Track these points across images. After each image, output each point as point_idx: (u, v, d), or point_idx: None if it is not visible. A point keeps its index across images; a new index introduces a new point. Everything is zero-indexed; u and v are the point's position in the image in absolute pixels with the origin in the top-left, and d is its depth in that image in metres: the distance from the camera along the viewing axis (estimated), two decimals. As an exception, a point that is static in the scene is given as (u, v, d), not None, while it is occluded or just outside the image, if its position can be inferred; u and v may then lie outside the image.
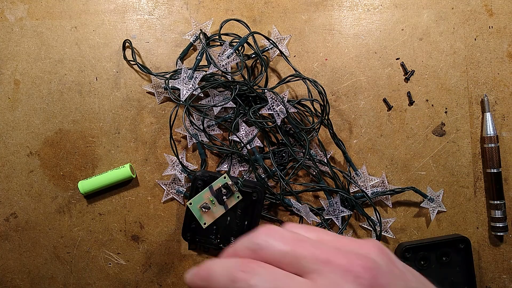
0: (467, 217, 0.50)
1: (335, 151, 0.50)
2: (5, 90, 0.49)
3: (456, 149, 0.50)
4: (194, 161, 0.50)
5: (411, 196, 0.50)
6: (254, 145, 0.47)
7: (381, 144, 0.50)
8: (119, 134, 0.49)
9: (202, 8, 0.50)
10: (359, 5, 0.50)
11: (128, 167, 0.48)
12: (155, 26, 0.50)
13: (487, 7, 0.50)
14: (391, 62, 0.50)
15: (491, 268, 0.50)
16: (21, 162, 0.49)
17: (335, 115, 0.50)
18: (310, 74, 0.50)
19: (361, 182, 0.49)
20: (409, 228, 0.50)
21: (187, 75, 0.46)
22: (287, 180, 0.48)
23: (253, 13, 0.50)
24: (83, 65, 0.49)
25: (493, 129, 0.49)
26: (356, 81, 0.50)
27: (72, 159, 0.49)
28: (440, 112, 0.50)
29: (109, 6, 0.49)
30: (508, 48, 0.50)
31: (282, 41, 0.49)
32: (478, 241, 0.50)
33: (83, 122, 0.49)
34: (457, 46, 0.50)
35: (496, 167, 0.49)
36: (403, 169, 0.50)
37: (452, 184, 0.50)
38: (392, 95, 0.50)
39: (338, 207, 0.48)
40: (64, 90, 0.49)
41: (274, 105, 0.46)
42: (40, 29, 0.49)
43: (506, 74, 0.50)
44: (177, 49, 0.49)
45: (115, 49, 0.49)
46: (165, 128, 0.49)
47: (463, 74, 0.50)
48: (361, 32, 0.50)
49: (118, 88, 0.49)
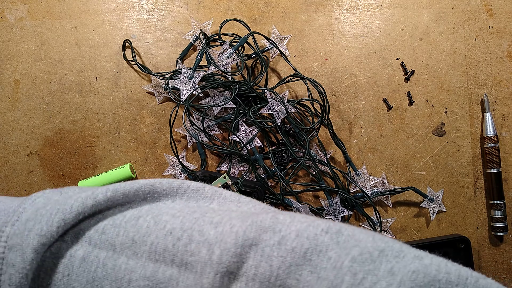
0: (467, 217, 0.50)
1: (335, 151, 0.50)
2: (5, 90, 0.49)
3: (456, 149, 0.50)
4: (194, 161, 0.50)
5: (411, 196, 0.50)
6: (254, 145, 0.47)
7: (381, 144, 0.50)
8: (119, 134, 0.49)
9: (202, 8, 0.50)
10: (359, 5, 0.50)
11: (128, 167, 0.48)
12: (155, 26, 0.50)
13: (487, 7, 0.50)
14: (391, 62, 0.50)
15: (491, 268, 0.50)
16: (21, 162, 0.49)
17: (335, 115, 0.50)
18: (310, 74, 0.50)
19: (361, 182, 0.49)
20: (409, 228, 0.50)
21: (187, 75, 0.46)
22: (287, 180, 0.48)
23: (253, 13, 0.50)
24: (83, 65, 0.49)
25: (493, 129, 0.49)
26: (356, 81, 0.50)
27: (72, 159, 0.49)
28: (440, 112, 0.50)
29: (109, 6, 0.49)
30: (508, 48, 0.50)
31: (282, 41, 0.49)
32: (478, 241, 0.50)
33: (83, 122, 0.49)
34: (457, 46, 0.50)
35: (496, 167, 0.49)
36: (403, 169, 0.50)
37: (452, 184, 0.50)
38: (392, 95, 0.50)
39: (338, 207, 0.48)
40: (64, 90, 0.49)
41: (274, 105, 0.46)
42: (40, 29, 0.49)
43: (506, 74, 0.50)
44: (177, 49, 0.49)
45: (115, 49, 0.49)
46: (165, 128, 0.49)
47: (463, 74, 0.50)
48: (361, 32, 0.50)
49: (118, 88, 0.49)
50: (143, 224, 0.25)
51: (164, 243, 0.24)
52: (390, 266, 0.22)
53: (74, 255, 0.25)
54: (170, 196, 0.28)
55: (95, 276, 0.25)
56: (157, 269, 0.24)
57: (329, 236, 0.24)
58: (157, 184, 0.28)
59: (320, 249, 0.23)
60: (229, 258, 0.23)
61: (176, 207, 0.27)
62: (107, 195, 0.26)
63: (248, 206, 0.29)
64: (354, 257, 0.22)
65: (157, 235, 0.25)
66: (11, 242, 0.25)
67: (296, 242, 0.23)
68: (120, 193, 0.27)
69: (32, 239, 0.24)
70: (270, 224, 0.24)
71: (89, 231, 0.26)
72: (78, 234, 0.26)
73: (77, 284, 0.25)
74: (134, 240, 0.25)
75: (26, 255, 0.24)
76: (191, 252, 0.24)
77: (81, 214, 0.25)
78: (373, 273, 0.21)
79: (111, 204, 0.27)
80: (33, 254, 0.24)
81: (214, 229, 0.24)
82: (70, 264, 0.25)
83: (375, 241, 0.23)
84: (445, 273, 0.21)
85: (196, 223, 0.25)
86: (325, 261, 0.23)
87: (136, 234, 0.25)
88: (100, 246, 0.25)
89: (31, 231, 0.25)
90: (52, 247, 0.26)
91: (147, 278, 0.24)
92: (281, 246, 0.23)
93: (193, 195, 0.28)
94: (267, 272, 0.23)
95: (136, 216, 0.26)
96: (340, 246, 0.23)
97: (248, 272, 0.23)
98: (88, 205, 0.26)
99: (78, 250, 0.25)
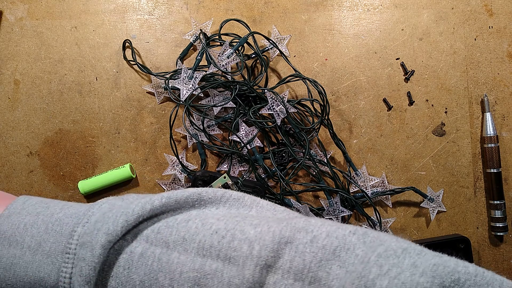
0: (467, 217, 0.50)
1: (335, 151, 0.50)
2: (5, 90, 0.49)
3: (456, 149, 0.50)
4: (194, 161, 0.50)
5: (411, 196, 0.50)
6: (254, 145, 0.47)
7: (381, 144, 0.50)
8: (119, 134, 0.49)
9: (202, 8, 0.50)
10: (359, 5, 0.50)
11: (128, 167, 0.48)
12: (155, 26, 0.50)
13: (487, 7, 0.50)
14: (391, 62, 0.50)
15: (491, 268, 0.50)
16: (21, 162, 0.49)
17: (335, 115, 0.50)
18: (310, 74, 0.50)
19: (361, 182, 0.49)
20: (409, 228, 0.50)
21: (187, 75, 0.46)
22: (287, 180, 0.48)
23: (253, 13, 0.50)
24: (83, 65, 0.49)
25: (493, 129, 0.49)
26: (356, 81, 0.50)
27: (72, 159, 0.49)
28: (440, 112, 0.50)
29: (109, 6, 0.49)
30: (508, 48, 0.50)
31: (282, 41, 0.49)
32: (478, 241, 0.50)
33: (83, 122, 0.49)
34: (457, 46, 0.50)
35: (496, 167, 0.49)
36: (403, 169, 0.50)
37: (452, 184, 0.50)
38: (392, 95, 0.50)
39: (338, 207, 0.48)
40: (64, 90, 0.49)
41: (274, 105, 0.46)
42: (40, 29, 0.49)
43: (506, 74, 0.50)
44: (177, 49, 0.49)
45: (115, 49, 0.49)
46: (165, 128, 0.49)
47: (463, 74, 0.50)
48: (361, 32, 0.50)
49: (118, 88, 0.49)
50: (192, 226, 0.29)
51: (210, 240, 0.28)
52: (413, 261, 0.24)
53: (134, 251, 0.29)
54: (214, 204, 0.32)
55: (151, 269, 0.28)
56: (205, 263, 0.27)
57: (356, 236, 0.27)
58: (204, 193, 0.32)
59: (348, 247, 0.26)
60: (267, 253, 0.26)
61: (220, 213, 0.31)
62: (162, 201, 0.30)
63: (283, 214, 0.32)
64: (380, 253, 0.25)
65: (204, 234, 0.28)
66: (82, 240, 0.29)
67: (327, 241, 0.26)
68: (173, 200, 0.31)
69: (101, 237, 0.28)
70: (303, 226, 0.28)
71: (147, 231, 0.30)
72: (137, 234, 0.30)
73: (136, 276, 0.28)
74: (185, 239, 0.29)
75: (95, 250, 0.28)
76: (234, 248, 0.27)
77: (140, 217, 0.29)
78: (398, 266, 0.24)
79: (165, 209, 0.31)
80: (101, 250, 0.28)
81: (254, 229, 0.28)
82: (130, 259, 0.29)
83: (398, 242, 0.26)
84: (463, 267, 0.23)
85: (238, 224, 0.29)
86: (353, 257, 0.25)
87: (186, 234, 0.29)
88: (155, 243, 0.29)
89: (100, 230, 0.28)
90: (116, 245, 0.29)
91: (196, 270, 0.27)
92: (313, 244, 0.26)
93: (234, 204, 0.32)
94: (300, 265, 0.26)
95: (186, 219, 0.30)
96: (366, 245, 0.26)
97: (284, 266, 0.26)
98: (146, 209, 0.30)
99: (137, 247, 0.29)
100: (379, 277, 0.23)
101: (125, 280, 0.28)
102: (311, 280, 0.26)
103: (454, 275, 0.23)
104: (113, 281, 0.29)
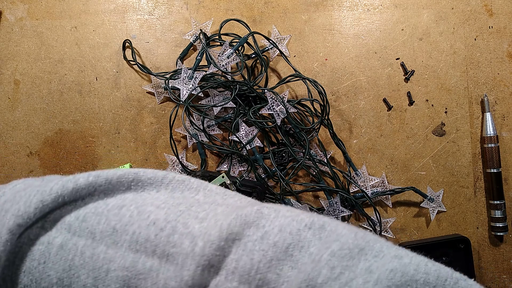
0: (467, 217, 0.50)
1: (335, 151, 0.50)
2: (5, 90, 0.49)
3: (456, 149, 0.50)
4: (194, 161, 0.50)
5: (411, 196, 0.50)
6: (254, 145, 0.47)
7: (381, 144, 0.50)
8: (119, 134, 0.49)
9: (202, 8, 0.50)
10: (359, 5, 0.50)
11: (128, 167, 0.48)
12: (155, 26, 0.50)
13: (487, 7, 0.50)
14: (391, 62, 0.50)
15: (491, 268, 0.50)
16: (21, 162, 0.49)
17: (335, 115, 0.50)
18: (310, 74, 0.50)
19: (361, 182, 0.49)
20: (409, 228, 0.50)
21: (187, 75, 0.46)
22: (287, 180, 0.48)
23: (253, 13, 0.50)
24: (83, 65, 0.49)
25: (493, 129, 0.49)
26: (356, 81, 0.50)
27: (72, 159, 0.49)
28: (440, 112, 0.50)
29: (109, 6, 0.49)
30: (508, 48, 0.50)
31: (282, 41, 0.49)
32: (478, 241, 0.50)
33: (83, 122, 0.49)
34: (457, 46, 0.50)
35: (496, 167, 0.49)
36: (403, 169, 0.50)
37: (452, 184, 0.50)
38: (392, 95, 0.50)
39: (338, 207, 0.48)
40: (64, 90, 0.49)
41: (274, 105, 0.46)
42: (40, 29, 0.49)
43: (506, 74, 0.50)
44: (177, 49, 0.49)
45: (115, 49, 0.49)
46: (165, 128, 0.49)
47: (463, 74, 0.50)
48: (361, 32, 0.50)
49: (118, 88, 0.49)
50: (126, 213, 0.25)
51: (146, 233, 0.24)
52: (369, 265, 0.22)
53: (52, 243, 0.24)
54: (155, 186, 0.27)
55: (72, 264, 0.23)
56: (137, 260, 0.23)
57: (312, 232, 0.23)
58: (141, 172, 0.27)
59: (302, 245, 0.23)
60: (212, 250, 0.23)
61: (161, 198, 0.26)
62: (89, 180, 0.25)
63: (234, 199, 0.28)
64: (333, 251, 0.22)
65: (139, 224, 0.24)
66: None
67: (279, 237, 0.23)
68: (103, 178, 0.26)
69: (8, 219, 0.23)
70: (254, 219, 0.24)
71: (69, 218, 0.25)
72: (57, 220, 0.25)
73: (53, 272, 0.24)
74: (115, 229, 0.24)
75: (0, 236, 0.23)
76: (174, 244, 0.23)
77: (60, 197, 0.25)
78: (351, 270, 0.21)
79: (93, 189, 0.26)
80: (8, 235, 0.23)
81: (199, 224, 0.24)
82: (47, 251, 0.24)
83: (356, 238, 0.23)
84: (424, 273, 0.21)
85: (181, 215, 0.25)
86: (306, 256, 0.22)
87: (118, 223, 0.24)
88: (79, 234, 0.24)
89: (8, 211, 0.24)
90: (31, 234, 0.24)
91: (126, 269, 0.23)
92: (263, 241, 0.23)
93: (178, 186, 0.27)
94: (247, 265, 0.22)
95: (120, 205, 0.25)
96: (321, 241, 0.23)
97: (229, 266, 0.23)
98: (68, 188, 0.25)
99: (57, 237, 0.24)
100: (328, 282, 0.21)
101: (40, 276, 0.24)
102: (258, 283, 0.22)
103: (411, 285, 0.21)
104: (25, 278, 0.24)
